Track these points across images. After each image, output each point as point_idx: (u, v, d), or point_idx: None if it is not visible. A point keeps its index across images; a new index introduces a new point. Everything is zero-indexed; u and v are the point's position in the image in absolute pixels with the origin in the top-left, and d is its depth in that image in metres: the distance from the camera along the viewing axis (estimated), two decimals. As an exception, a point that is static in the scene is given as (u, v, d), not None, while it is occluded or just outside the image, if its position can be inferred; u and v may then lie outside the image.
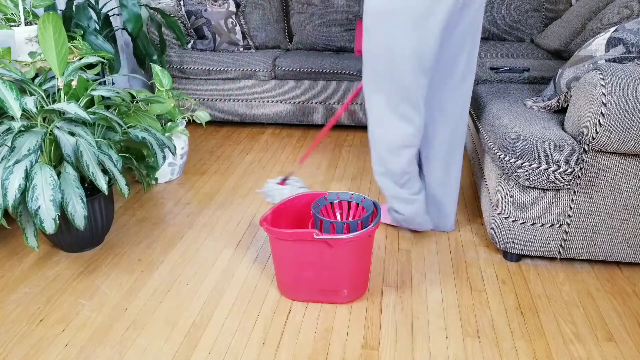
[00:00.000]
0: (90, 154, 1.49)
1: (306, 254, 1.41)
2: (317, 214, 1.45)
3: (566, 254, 1.61)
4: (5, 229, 1.92)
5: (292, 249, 1.41)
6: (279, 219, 1.56)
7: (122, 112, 1.80)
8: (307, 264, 1.42)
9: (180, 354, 1.30)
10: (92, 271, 1.66)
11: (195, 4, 3.04)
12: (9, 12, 1.97)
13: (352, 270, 1.44)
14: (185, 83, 3.02)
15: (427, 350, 1.31)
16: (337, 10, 3.13)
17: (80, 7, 2.31)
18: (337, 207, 1.56)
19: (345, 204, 1.56)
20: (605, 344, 1.33)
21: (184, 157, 2.38)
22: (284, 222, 1.59)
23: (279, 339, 1.35)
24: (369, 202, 1.51)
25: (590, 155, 1.46)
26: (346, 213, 1.57)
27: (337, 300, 1.48)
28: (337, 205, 1.56)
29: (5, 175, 1.38)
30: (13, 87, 1.46)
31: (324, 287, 1.46)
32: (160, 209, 2.08)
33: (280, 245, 1.43)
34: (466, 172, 2.42)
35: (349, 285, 1.46)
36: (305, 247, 1.40)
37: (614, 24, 2.28)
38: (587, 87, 1.41)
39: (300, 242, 1.39)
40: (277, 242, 1.43)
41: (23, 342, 1.35)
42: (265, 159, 2.59)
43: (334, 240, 1.36)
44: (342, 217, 1.57)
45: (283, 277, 1.49)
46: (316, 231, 1.36)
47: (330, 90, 2.90)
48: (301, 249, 1.40)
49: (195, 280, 1.60)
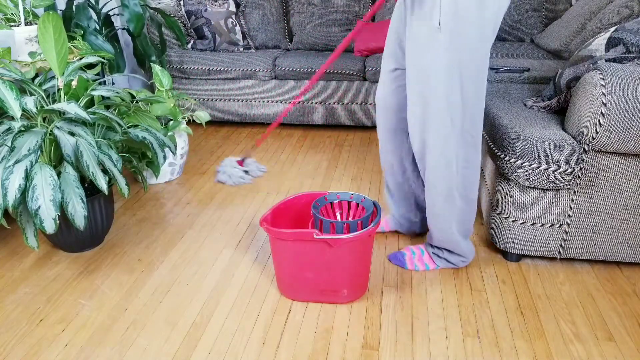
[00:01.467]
0: (90, 154, 1.49)
1: (306, 254, 1.41)
2: (317, 214, 1.44)
3: (566, 254, 1.61)
4: (5, 229, 1.92)
5: (292, 249, 1.41)
6: (278, 219, 1.56)
7: (122, 112, 1.80)
8: (307, 264, 1.42)
9: (180, 354, 1.30)
10: (92, 271, 1.66)
11: (195, 4, 3.04)
12: (9, 12, 1.97)
13: (352, 270, 1.44)
14: (185, 83, 3.02)
15: (427, 350, 1.31)
16: (337, 10, 3.13)
17: (80, 7, 2.31)
18: (337, 207, 1.56)
19: (345, 204, 1.56)
20: (605, 344, 1.33)
21: (184, 157, 2.38)
22: (283, 222, 1.59)
23: (279, 339, 1.35)
24: (369, 202, 1.50)
25: (590, 155, 1.46)
26: (346, 213, 1.56)
27: (337, 300, 1.48)
28: (337, 206, 1.56)
29: (5, 175, 1.38)
30: (13, 87, 1.46)
31: (324, 287, 1.46)
32: (160, 209, 2.08)
33: (280, 246, 1.42)
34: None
35: (349, 285, 1.46)
36: (305, 247, 1.39)
37: (614, 24, 2.28)
38: (587, 87, 1.41)
39: (301, 242, 1.39)
40: (277, 242, 1.43)
41: (23, 342, 1.35)
42: (265, 158, 2.59)
43: (334, 240, 1.36)
44: (342, 217, 1.57)
45: (283, 277, 1.49)
46: (316, 231, 1.36)
47: (330, 90, 2.90)
48: (301, 249, 1.40)
49: (195, 280, 1.60)
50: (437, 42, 1.31)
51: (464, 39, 1.30)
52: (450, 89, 1.35)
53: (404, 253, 1.68)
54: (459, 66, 1.33)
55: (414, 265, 1.64)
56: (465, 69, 1.33)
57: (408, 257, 1.66)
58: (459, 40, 1.30)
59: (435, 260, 1.63)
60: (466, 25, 1.29)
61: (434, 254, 1.64)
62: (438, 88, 1.35)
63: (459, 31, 1.29)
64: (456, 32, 1.29)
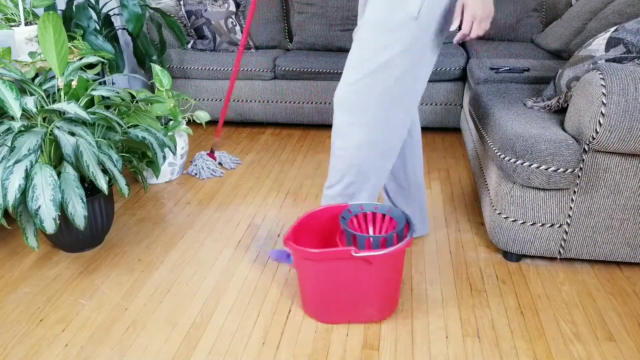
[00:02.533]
0: (90, 154, 1.49)
1: (340, 273, 1.29)
2: (348, 228, 1.33)
3: (566, 254, 1.61)
4: (5, 229, 1.92)
5: (323, 269, 1.29)
6: (301, 236, 1.45)
7: (122, 112, 1.80)
8: (340, 283, 1.31)
9: (180, 354, 1.30)
10: (92, 271, 1.66)
11: (195, 4, 3.04)
12: (9, 12, 1.97)
13: (388, 287, 1.35)
14: (185, 83, 3.02)
15: (427, 350, 1.31)
16: (337, 10, 3.13)
17: (80, 7, 2.31)
18: (361, 219, 1.44)
19: (369, 215, 1.44)
20: (605, 344, 1.33)
21: (184, 157, 2.38)
22: (307, 239, 1.47)
23: (279, 339, 1.35)
24: (398, 212, 1.39)
25: (590, 155, 1.46)
26: (372, 225, 1.45)
27: (371, 318, 1.39)
28: (361, 218, 1.44)
29: (5, 175, 1.38)
30: (13, 87, 1.46)
31: (358, 307, 1.36)
32: (160, 209, 2.08)
33: (309, 266, 1.31)
34: (466, 172, 2.42)
35: (384, 303, 1.37)
36: (339, 266, 1.28)
37: (614, 24, 2.28)
38: (587, 87, 1.41)
39: (334, 261, 1.28)
40: (305, 263, 1.31)
41: (23, 342, 1.35)
42: (265, 158, 2.59)
43: (374, 257, 1.25)
44: (365, 229, 1.45)
45: (312, 300, 1.37)
46: (353, 248, 1.25)
47: (330, 90, 2.90)
48: (334, 268, 1.29)
49: (195, 280, 1.60)
50: (406, 30, 1.29)
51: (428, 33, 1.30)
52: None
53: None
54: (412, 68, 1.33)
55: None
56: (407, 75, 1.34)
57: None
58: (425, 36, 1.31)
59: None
60: (433, 20, 1.29)
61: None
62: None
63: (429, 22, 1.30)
64: (425, 23, 1.29)
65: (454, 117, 2.89)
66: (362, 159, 1.42)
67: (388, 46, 1.30)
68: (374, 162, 1.43)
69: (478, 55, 2.72)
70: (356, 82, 1.34)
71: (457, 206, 2.07)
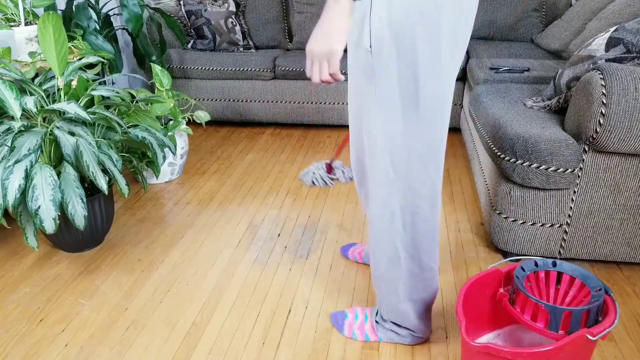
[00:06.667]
0: (90, 153, 1.49)
1: None
2: (538, 299, 1.02)
3: (566, 254, 1.61)
4: (5, 229, 1.92)
5: None
6: (469, 313, 1.14)
7: (122, 112, 1.80)
8: None
9: (180, 354, 1.30)
10: (92, 271, 1.66)
11: (195, 4, 3.04)
12: (9, 12, 1.97)
13: None
14: (185, 83, 3.02)
15: (427, 350, 1.31)
16: (337, 10, 3.12)
17: (80, 7, 2.31)
18: (532, 279, 1.13)
19: (542, 275, 1.12)
20: (605, 343, 1.33)
21: (184, 157, 2.38)
22: (475, 318, 1.20)
23: (279, 339, 1.35)
24: (594, 280, 1.05)
25: (590, 155, 1.46)
26: (544, 288, 1.12)
27: None
28: (532, 277, 1.12)
29: (5, 175, 1.38)
30: (13, 87, 1.46)
31: None
32: (160, 209, 2.08)
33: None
34: (466, 172, 2.42)
35: None
36: (556, 356, 0.95)
37: (614, 24, 2.28)
38: (587, 87, 1.41)
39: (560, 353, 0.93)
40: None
41: (23, 342, 1.35)
42: (265, 158, 2.59)
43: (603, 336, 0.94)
44: (542, 295, 1.13)
45: None
46: (590, 330, 0.94)
47: (330, 90, 2.90)
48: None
49: (195, 280, 1.60)
50: (370, 69, 1.01)
51: (406, 62, 0.96)
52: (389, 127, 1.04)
53: (345, 315, 1.40)
54: (401, 98, 1.00)
55: (351, 333, 1.35)
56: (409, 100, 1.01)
57: (348, 322, 1.37)
58: (398, 64, 0.97)
59: (378, 332, 1.33)
60: (409, 44, 0.94)
61: (377, 323, 1.33)
62: (375, 125, 1.05)
63: (398, 53, 0.96)
64: (393, 55, 0.96)
65: (454, 117, 2.89)
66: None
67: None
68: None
69: (478, 55, 2.72)
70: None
71: (457, 206, 2.07)
